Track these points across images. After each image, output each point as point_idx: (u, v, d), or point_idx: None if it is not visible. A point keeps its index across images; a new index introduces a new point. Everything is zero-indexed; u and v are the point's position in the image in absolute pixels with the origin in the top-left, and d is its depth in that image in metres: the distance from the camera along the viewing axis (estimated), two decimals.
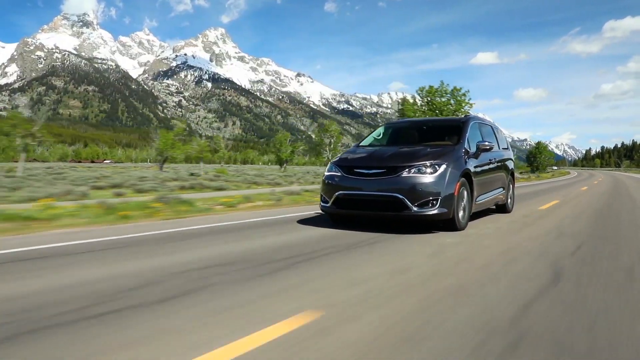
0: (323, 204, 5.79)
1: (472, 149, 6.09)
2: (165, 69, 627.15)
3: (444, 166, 5.20)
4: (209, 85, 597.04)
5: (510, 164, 8.01)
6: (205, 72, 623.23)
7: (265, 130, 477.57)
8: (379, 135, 7.29)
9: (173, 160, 38.54)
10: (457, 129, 6.39)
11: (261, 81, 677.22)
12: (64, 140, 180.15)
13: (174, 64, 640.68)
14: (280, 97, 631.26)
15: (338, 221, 6.08)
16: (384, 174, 5.25)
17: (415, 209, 5.00)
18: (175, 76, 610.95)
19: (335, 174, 5.67)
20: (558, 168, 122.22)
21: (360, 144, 6.89)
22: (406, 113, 28.09)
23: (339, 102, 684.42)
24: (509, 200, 7.87)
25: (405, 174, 5.12)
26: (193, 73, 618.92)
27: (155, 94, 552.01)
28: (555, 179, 37.13)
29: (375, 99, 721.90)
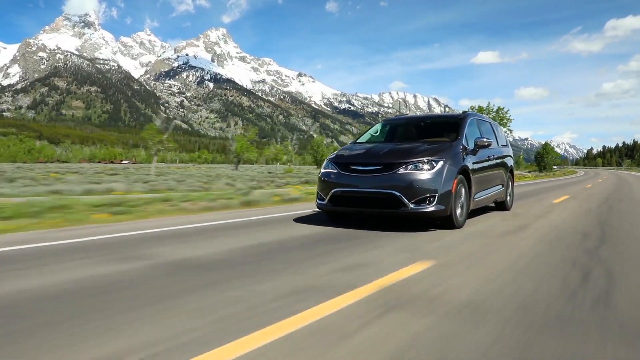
0: (319, 201, 5.65)
1: (470, 146, 5.97)
2: (167, 70, 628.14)
3: (441, 163, 5.09)
4: (211, 85, 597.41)
5: (510, 161, 7.86)
6: (207, 73, 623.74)
7: (267, 130, 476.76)
8: (376, 132, 7.20)
9: (245, 162, 46.20)
10: (455, 125, 6.27)
11: (263, 81, 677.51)
12: (74, 141, 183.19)
13: (176, 64, 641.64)
14: (282, 97, 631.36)
15: (335, 219, 5.97)
16: (380, 170, 5.12)
17: (412, 206, 4.90)
18: (177, 76, 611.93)
19: (331, 170, 5.55)
20: (562, 167, 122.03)
21: (357, 141, 6.78)
22: None
23: (340, 102, 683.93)
24: (508, 197, 7.75)
25: (402, 171, 5.01)
26: (195, 73, 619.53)
27: (157, 95, 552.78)
28: (570, 177, 41.90)
29: (377, 98, 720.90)
